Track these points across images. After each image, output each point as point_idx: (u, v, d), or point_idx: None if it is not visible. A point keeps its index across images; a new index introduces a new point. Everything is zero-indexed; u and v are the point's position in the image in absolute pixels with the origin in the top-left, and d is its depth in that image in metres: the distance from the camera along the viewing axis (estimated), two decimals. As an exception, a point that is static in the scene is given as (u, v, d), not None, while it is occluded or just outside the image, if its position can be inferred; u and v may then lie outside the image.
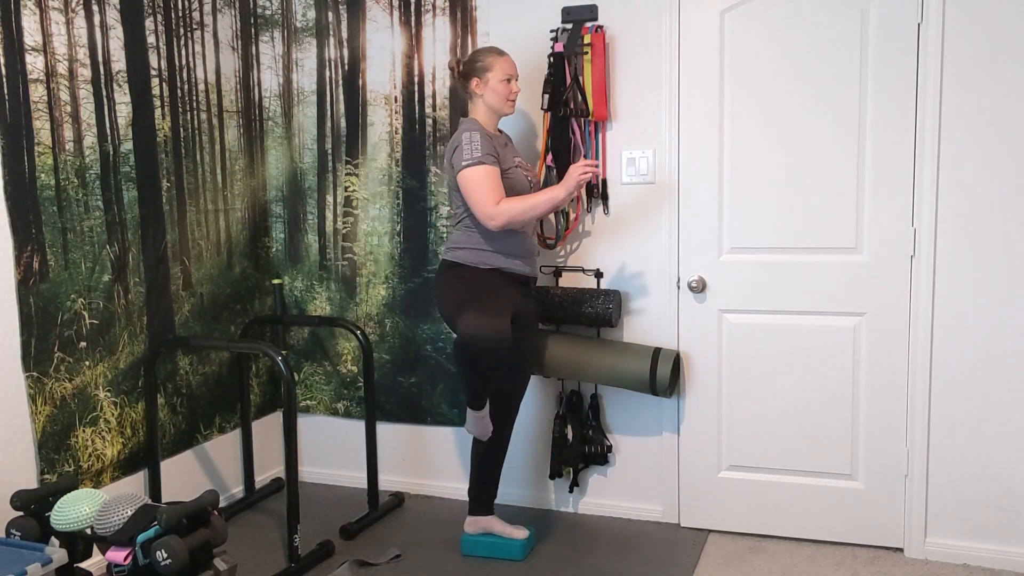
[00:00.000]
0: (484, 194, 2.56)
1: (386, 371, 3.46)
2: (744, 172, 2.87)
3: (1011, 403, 2.65)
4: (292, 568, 2.76)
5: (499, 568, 2.79)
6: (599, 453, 3.11)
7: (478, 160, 2.56)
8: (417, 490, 3.50)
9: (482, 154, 2.57)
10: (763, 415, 2.94)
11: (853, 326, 2.81)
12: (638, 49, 2.95)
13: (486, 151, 2.58)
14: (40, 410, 2.56)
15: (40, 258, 2.55)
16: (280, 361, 2.72)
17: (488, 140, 2.62)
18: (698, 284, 2.94)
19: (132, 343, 2.88)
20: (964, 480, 2.73)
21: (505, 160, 2.67)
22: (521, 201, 2.57)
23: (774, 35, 2.78)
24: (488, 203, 2.56)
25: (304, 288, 3.56)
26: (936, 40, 2.60)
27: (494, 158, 2.60)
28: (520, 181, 2.70)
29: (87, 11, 2.69)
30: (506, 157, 2.69)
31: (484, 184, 2.56)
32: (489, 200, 2.56)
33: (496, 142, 2.67)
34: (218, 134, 3.30)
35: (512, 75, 2.71)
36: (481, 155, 2.57)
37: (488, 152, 2.59)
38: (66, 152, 2.63)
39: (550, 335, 3.00)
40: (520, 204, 2.56)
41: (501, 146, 2.69)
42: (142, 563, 2.13)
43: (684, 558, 2.83)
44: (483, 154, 2.57)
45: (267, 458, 3.61)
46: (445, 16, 3.20)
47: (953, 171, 2.63)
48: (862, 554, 2.83)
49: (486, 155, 2.58)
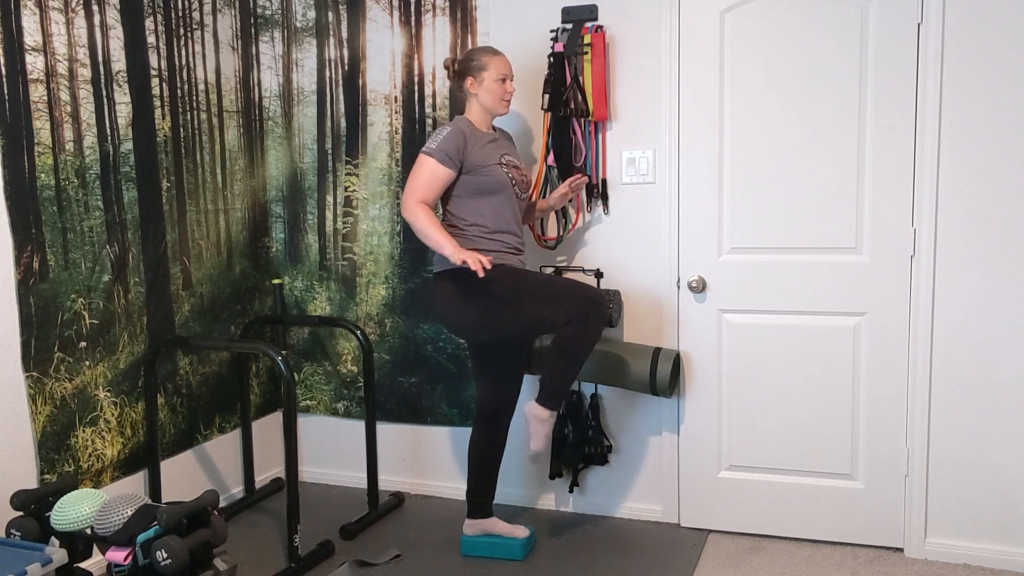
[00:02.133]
0: (415, 184, 2.59)
1: (386, 371, 3.47)
2: (744, 172, 2.87)
3: (1011, 403, 2.65)
4: (292, 568, 2.76)
5: (499, 568, 2.79)
6: (599, 453, 3.11)
7: (431, 151, 2.59)
8: (417, 490, 3.50)
9: (438, 147, 2.59)
10: (763, 415, 2.94)
11: (853, 326, 2.81)
12: (638, 49, 2.95)
13: (444, 147, 2.59)
14: (40, 410, 2.56)
15: (40, 258, 2.55)
16: (280, 361, 2.72)
17: (459, 139, 2.60)
18: (698, 284, 2.94)
19: (132, 343, 2.88)
20: (964, 480, 2.73)
21: (484, 159, 2.64)
22: (429, 224, 2.54)
23: (774, 35, 2.78)
24: (413, 194, 2.59)
25: (304, 288, 3.56)
26: (936, 40, 2.60)
27: (449, 159, 2.59)
28: (497, 180, 2.65)
29: (87, 11, 2.69)
30: (487, 155, 2.65)
31: (421, 175, 2.59)
32: (415, 192, 2.59)
33: (478, 141, 2.65)
34: (218, 134, 3.30)
35: (507, 75, 2.70)
36: (436, 147, 2.59)
37: (446, 150, 2.59)
38: (66, 152, 2.63)
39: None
40: (426, 225, 2.54)
41: (481, 144, 2.66)
42: (142, 563, 2.13)
43: (684, 558, 2.83)
44: (439, 148, 2.59)
45: (267, 458, 3.61)
46: (445, 16, 3.20)
47: (953, 171, 2.63)
48: (862, 554, 2.83)
49: (441, 151, 2.58)
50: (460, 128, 2.63)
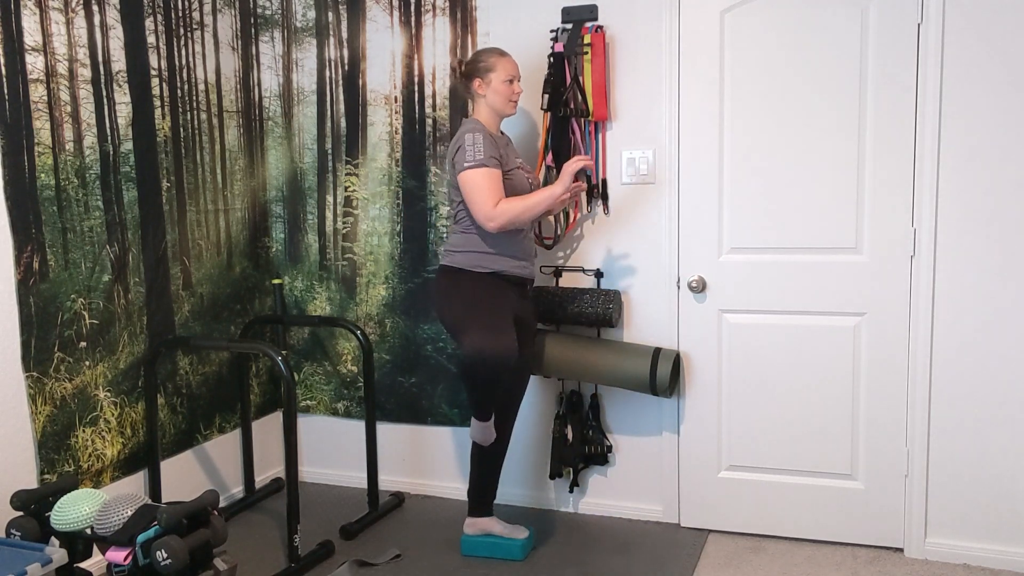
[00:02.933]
0: (484, 196, 2.56)
1: (386, 371, 3.47)
2: (744, 172, 2.87)
3: (1011, 403, 2.65)
4: (292, 568, 2.76)
5: (499, 568, 2.79)
6: (599, 453, 3.11)
7: (480, 162, 2.56)
8: (417, 490, 3.50)
9: (484, 156, 2.57)
10: (763, 415, 2.94)
11: (853, 326, 2.81)
12: (638, 49, 2.95)
13: (489, 153, 2.58)
14: (40, 410, 2.56)
15: (40, 258, 2.55)
16: (280, 361, 2.72)
17: (491, 141, 2.61)
18: (698, 284, 2.94)
19: (132, 343, 2.88)
20: (964, 480, 2.73)
21: (508, 161, 2.68)
22: (520, 201, 2.57)
23: (774, 35, 2.78)
24: (487, 205, 2.56)
25: (304, 288, 3.56)
26: (936, 40, 2.60)
27: (496, 160, 2.60)
28: (522, 182, 2.70)
29: (87, 11, 2.69)
30: (508, 158, 2.69)
31: (485, 186, 2.56)
32: (489, 202, 2.56)
33: (498, 143, 2.68)
34: (218, 134, 3.30)
35: (515, 76, 2.71)
36: (484, 157, 2.57)
37: (491, 155, 2.59)
38: (66, 152, 2.63)
39: (550, 335, 3.00)
40: (519, 204, 2.57)
41: (503, 147, 2.70)
42: (142, 563, 2.13)
43: (684, 558, 2.83)
44: (486, 156, 2.57)
45: (267, 458, 3.61)
46: (445, 16, 3.20)
47: (953, 171, 2.63)
48: (862, 554, 2.83)
49: (489, 157, 2.57)
50: (483, 130, 2.63)
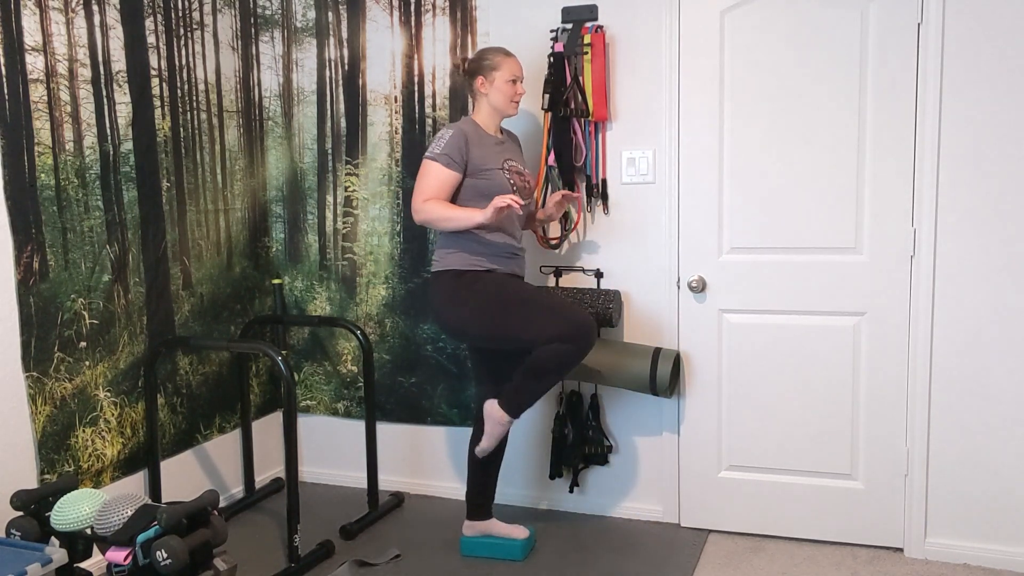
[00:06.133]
0: (422, 187, 2.60)
1: (386, 371, 3.47)
2: (744, 172, 2.87)
3: (1011, 403, 2.65)
4: (292, 568, 2.76)
5: (499, 568, 2.79)
6: (599, 453, 3.11)
7: (435, 156, 2.60)
8: (417, 490, 3.50)
9: (441, 152, 2.60)
10: (763, 415, 2.94)
11: (853, 326, 2.81)
12: (638, 49, 2.95)
13: (447, 151, 2.59)
14: (40, 410, 2.56)
15: (40, 258, 2.55)
16: (280, 361, 2.72)
17: (461, 140, 2.60)
18: (698, 284, 2.94)
19: (132, 343, 2.88)
20: (964, 480, 2.73)
21: (486, 162, 2.65)
22: (445, 209, 2.57)
23: (774, 35, 2.78)
24: (419, 197, 2.60)
25: (304, 288, 3.56)
26: (936, 40, 2.60)
27: (454, 162, 2.59)
28: (498, 184, 2.64)
29: (87, 11, 2.69)
30: (488, 158, 2.65)
31: (426, 179, 2.60)
32: (422, 195, 2.60)
33: (481, 142, 2.65)
34: (218, 134, 3.30)
35: (518, 76, 2.71)
36: (441, 152, 2.60)
37: (449, 153, 2.59)
38: (66, 152, 2.63)
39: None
40: (442, 211, 2.57)
41: (485, 146, 2.66)
42: (142, 563, 2.13)
43: (684, 558, 2.83)
44: (442, 152, 2.60)
45: (267, 458, 3.61)
46: (445, 16, 3.20)
47: (953, 171, 2.63)
48: (862, 554, 2.83)
49: (444, 155, 2.59)
50: (461, 130, 2.63)
